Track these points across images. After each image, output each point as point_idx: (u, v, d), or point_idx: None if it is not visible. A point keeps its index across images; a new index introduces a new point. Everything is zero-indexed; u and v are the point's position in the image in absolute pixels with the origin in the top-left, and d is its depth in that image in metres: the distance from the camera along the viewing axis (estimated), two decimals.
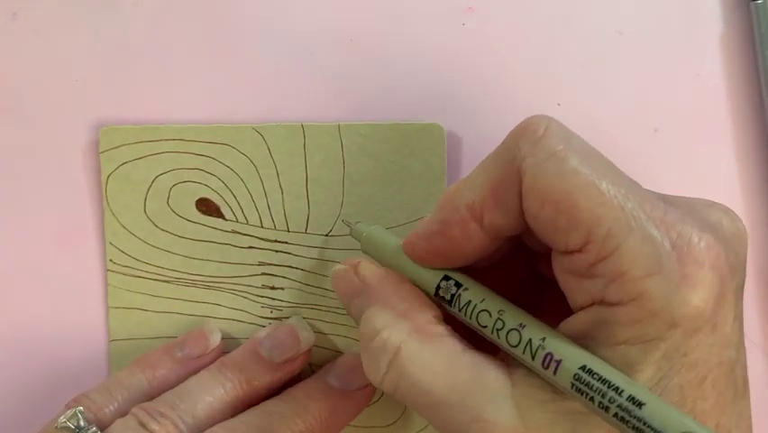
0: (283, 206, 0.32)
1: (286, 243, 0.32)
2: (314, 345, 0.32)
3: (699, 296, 0.20)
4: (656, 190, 0.23)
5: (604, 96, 0.32)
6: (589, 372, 0.20)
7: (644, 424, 0.19)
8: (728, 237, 0.22)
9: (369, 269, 0.26)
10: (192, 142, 0.32)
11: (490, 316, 0.23)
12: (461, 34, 0.32)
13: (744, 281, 0.23)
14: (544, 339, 0.22)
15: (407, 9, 0.32)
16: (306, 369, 0.32)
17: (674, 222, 0.21)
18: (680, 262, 0.20)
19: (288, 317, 0.32)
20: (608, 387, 0.20)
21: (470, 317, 0.24)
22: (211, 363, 0.31)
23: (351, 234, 0.30)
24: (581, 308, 0.22)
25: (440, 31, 0.32)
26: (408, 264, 0.26)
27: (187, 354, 0.31)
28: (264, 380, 0.30)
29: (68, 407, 0.29)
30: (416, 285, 0.26)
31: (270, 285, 0.32)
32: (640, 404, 0.19)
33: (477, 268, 0.25)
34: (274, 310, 0.32)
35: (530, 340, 0.22)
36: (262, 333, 0.31)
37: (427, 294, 0.25)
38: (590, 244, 0.21)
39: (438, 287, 0.25)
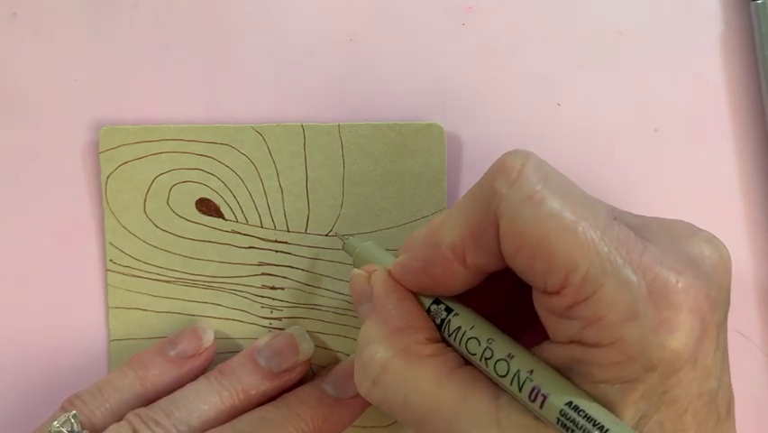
0: (283, 206, 0.32)
1: (286, 243, 0.32)
2: (314, 345, 0.32)
3: (677, 340, 0.20)
4: (656, 191, 0.23)
5: (604, 96, 0.32)
6: (575, 408, 0.20)
7: None
8: (710, 271, 0.22)
9: (379, 279, 0.26)
10: (192, 143, 0.32)
11: (479, 344, 0.23)
12: (461, 34, 0.32)
13: (727, 312, 0.22)
14: (531, 372, 0.22)
15: (407, 9, 0.32)
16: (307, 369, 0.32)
17: (652, 264, 0.21)
18: (656, 306, 0.20)
19: (288, 318, 0.32)
20: (594, 425, 0.20)
21: (460, 343, 0.24)
22: (204, 362, 0.31)
23: (343, 249, 0.30)
24: (560, 343, 0.22)
25: (440, 31, 0.32)
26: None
27: (179, 352, 0.31)
28: (261, 389, 0.30)
29: (62, 409, 0.29)
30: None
31: (270, 285, 0.32)
32: None
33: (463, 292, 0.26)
34: (274, 310, 0.32)
35: (518, 372, 0.22)
36: (261, 341, 0.31)
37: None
38: (568, 287, 0.21)
39: (429, 310, 0.25)
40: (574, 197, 0.22)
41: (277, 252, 0.32)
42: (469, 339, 0.24)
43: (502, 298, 0.26)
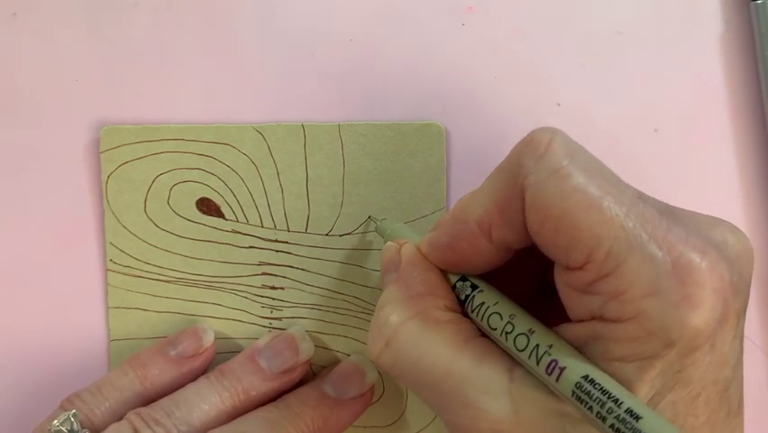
0: (283, 205, 0.32)
1: (286, 242, 0.32)
2: (314, 345, 0.32)
3: (698, 317, 0.20)
4: (656, 191, 0.23)
5: (604, 96, 0.32)
6: (591, 381, 0.21)
7: None
8: (733, 257, 0.22)
9: (408, 250, 0.26)
10: (192, 142, 0.32)
11: (501, 319, 0.23)
12: (461, 34, 0.32)
13: (747, 302, 0.22)
14: (550, 346, 0.22)
15: (407, 9, 0.32)
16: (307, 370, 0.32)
17: (676, 242, 0.20)
18: (680, 282, 0.20)
19: (288, 318, 0.32)
20: (608, 398, 0.20)
21: (482, 319, 0.24)
22: (204, 362, 0.31)
23: (376, 231, 0.31)
24: (580, 321, 0.22)
25: (440, 31, 0.32)
26: None
27: (180, 352, 0.31)
28: (261, 390, 0.30)
29: (62, 408, 0.29)
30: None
31: (270, 285, 0.32)
32: (638, 417, 0.19)
33: (488, 273, 0.26)
34: (274, 310, 0.32)
35: (537, 346, 0.22)
36: (262, 342, 0.31)
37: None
38: (591, 263, 0.21)
39: (454, 286, 0.25)
40: (600, 174, 0.22)
41: (277, 251, 0.32)
42: (491, 314, 0.24)
43: (522, 290, 0.26)
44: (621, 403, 0.20)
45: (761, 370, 0.33)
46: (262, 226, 0.32)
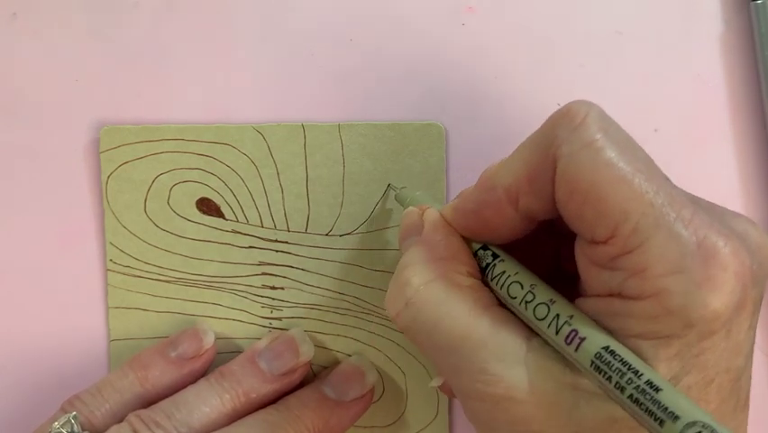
0: (283, 205, 0.32)
1: (286, 242, 0.32)
2: (314, 346, 0.32)
3: (718, 299, 0.20)
4: None
5: (604, 96, 0.32)
6: (612, 352, 0.21)
7: (659, 406, 0.19)
8: (754, 248, 0.22)
9: (432, 214, 0.26)
10: (192, 142, 0.32)
11: (522, 288, 0.24)
12: (461, 34, 0.32)
13: (763, 294, 0.22)
14: (571, 317, 0.22)
15: (407, 9, 0.32)
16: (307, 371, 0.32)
17: (702, 224, 0.21)
18: (704, 263, 0.20)
19: (288, 318, 0.32)
20: (628, 369, 0.20)
21: (501, 287, 0.24)
22: (204, 364, 0.31)
23: (395, 199, 0.31)
24: (597, 296, 0.22)
25: (440, 31, 0.32)
26: None
27: (180, 354, 0.31)
28: (262, 392, 0.30)
29: (62, 410, 0.29)
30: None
31: (270, 285, 0.32)
32: (657, 389, 0.20)
33: (505, 246, 0.26)
34: (274, 310, 0.32)
35: (557, 316, 0.22)
36: (262, 343, 0.31)
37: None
38: (616, 237, 0.21)
39: (475, 254, 0.26)
40: (633, 151, 0.22)
41: (277, 251, 0.32)
42: (512, 283, 0.24)
43: (540, 264, 0.26)
44: (641, 375, 0.20)
45: (761, 370, 0.33)
46: (262, 226, 0.32)
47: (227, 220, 0.32)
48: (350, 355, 0.32)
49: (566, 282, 0.25)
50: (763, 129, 0.32)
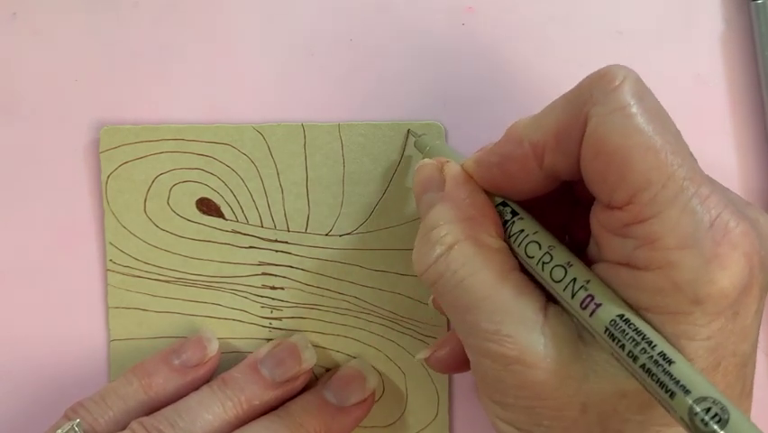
0: (283, 205, 0.32)
1: (286, 242, 0.32)
2: (314, 347, 0.32)
3: (727, 278, 0.20)
4: None
5: None
6: (627, 321, 0.21)
7: (671, 378, 0.19)
8: (763, 234, 0.22)
9: (454, 169, 0.26)
10: (192, 142, 0.32)
11: (540, 248, 0.24)
12: (461, 34, 0.32)
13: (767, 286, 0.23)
14: (588, 282, 0.22)
15: (407, 9, 0.32)
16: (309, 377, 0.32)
17: (717, 203, 0.21)
18: (715, 241, 0.20)
19: (288, 318, 0.32)
20: (642, 339, 0.20)
21: (519, 246, 0.24)
22: (208, 372, 0.31)
23: (414, 146, 0.30)
24: (607, 263, 0.22)
25: (440, 31, 0.32)
26: None
27: (184, 361, 0.31)
28: (264, 399, 0.30)
29: (66, 417, 0.29)
30: None
31: (270, 285, 0.32)
32: (670, 361, 0.20)
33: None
34: (274, 310, 0.32)
35: (574, 279, 0.22)
36: (264, 350, 0.31)
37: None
38: (633, 204, 0.21)
39: None
40: (664, 123, 0.22)
41: (277, 251, 0.32)
42: (530, 243, 0.24)
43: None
44: (655, 346, 0.20)
45: (761, 370, 0.33)
46: (262, 226, 0.32)
47: (227, 220, 0.32)
48: (350, 355, 0.32)
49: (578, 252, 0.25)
50: (763, 128, 0.32)
